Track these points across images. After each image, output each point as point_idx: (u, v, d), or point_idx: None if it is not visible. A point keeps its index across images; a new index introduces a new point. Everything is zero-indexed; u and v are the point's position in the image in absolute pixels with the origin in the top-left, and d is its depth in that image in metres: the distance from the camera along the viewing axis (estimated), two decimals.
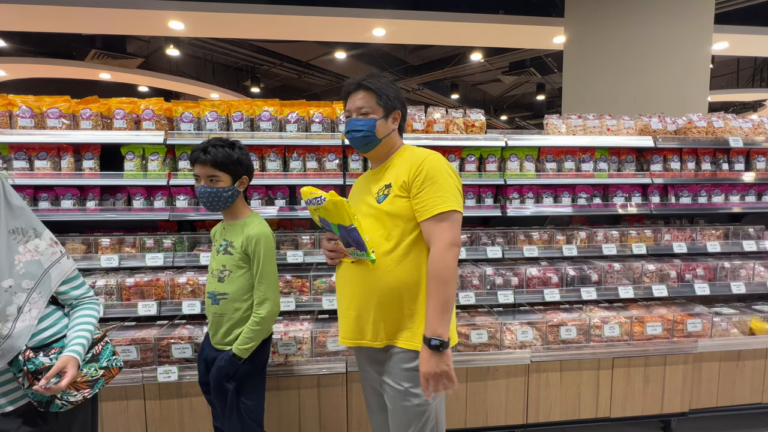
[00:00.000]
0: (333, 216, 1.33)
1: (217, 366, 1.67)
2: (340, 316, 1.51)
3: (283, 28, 5.63)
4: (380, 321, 1.39)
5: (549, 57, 8.33)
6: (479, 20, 5.47)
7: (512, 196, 2.59)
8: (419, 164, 1.35)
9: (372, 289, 1.38)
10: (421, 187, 1.34)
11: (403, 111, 1.50)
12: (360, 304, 1.41)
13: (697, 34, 3.94)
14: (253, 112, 2.41)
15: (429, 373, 1.28)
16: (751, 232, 2.78)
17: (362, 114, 1.43)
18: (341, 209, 1.31)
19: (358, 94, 1.44)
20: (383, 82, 1.45)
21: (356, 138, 1.44)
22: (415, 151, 1.45)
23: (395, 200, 1.37)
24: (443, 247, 1.30)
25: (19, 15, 5.04)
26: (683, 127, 2.75)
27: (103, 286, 2.19)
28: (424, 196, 1.33)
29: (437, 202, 1.32)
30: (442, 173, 1.35)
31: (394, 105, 1.45)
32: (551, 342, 2.39)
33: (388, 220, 1.38)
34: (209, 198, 1.66)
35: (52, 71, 7.79)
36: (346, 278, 1.46)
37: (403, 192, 1.37)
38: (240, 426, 1.69)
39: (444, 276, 1.29)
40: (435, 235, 1.32)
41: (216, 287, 1.70)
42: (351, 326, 1.44)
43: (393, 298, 1.38)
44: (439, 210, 1.31)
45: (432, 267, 1.30)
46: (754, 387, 2.56)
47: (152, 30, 5.87)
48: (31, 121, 2.24)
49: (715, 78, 8.40)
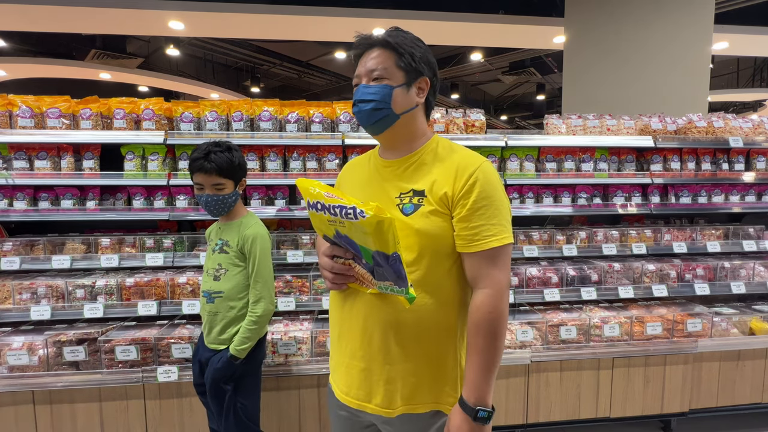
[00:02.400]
0: (367, 237, 0.92)
1: (214, 368, 1.68)
2: (338, 364, 1.13)
3: (283, 27, 5.63)
4: (398, 379, 1.04)
5: (549, 57, 8.33)
6: (479, 20, 5.47)
7: (512, 196, 2.59)
8: (470, 174, 1.00)
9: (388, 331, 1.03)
10: (474, 208, 0.99)
11: (432, 80, 1.10)
12: (373, 353, 1.04)
13: (697, 34, 3.94)
14: (253, 112, 2.41)
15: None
16: (751, 232, 2.78)
17: (374, 79, 1.04)
18: (387, 232, 0.90)
19: (372, 52, 1.05)
20: (407, 38, 1.06)
21: (364, 111, 1.04)
22: (456, 149, 1.09)
23: (431, 217, 1.01)
24: (499, 290, 0.99)
25: (18, 15, 5.04)
26: (683, 127, 2.75)
27: (103, 286, 2.19)
28: (476, 221, 0.99)
29: (493, 231, 0.99)
30: (499, 192, 1.02)
31: (420, 69, 1.06)
32: (551, 342, 2.39)
33: (419, 242, 1.01)
34: (216, 206, 1.67)
35: (51, 71, 7.79)
36: (353, 313, 1.07)
37: (443, 208, 1.01)
38: (237, 427, 1.69)
39: (498, 329, 0.99)
40: (487, 275, 1.00)
41: (211, 285, 1.71)
42: (356, 381, 1.07)
43: (421, 341, 1.04)
44: (496, 244, 0.99)
45: (483, 316, 0.98)
46: (754, 387, 2.56)
47: (152, 30, 5.87)
48: (31, 121, 2.24)
49: (715, 78, 8.40)
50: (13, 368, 2.04)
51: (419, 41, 1.09)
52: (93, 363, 2.09)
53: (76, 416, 2.08)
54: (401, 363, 1.03)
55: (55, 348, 2.06)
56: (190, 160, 1.66)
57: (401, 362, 1.03)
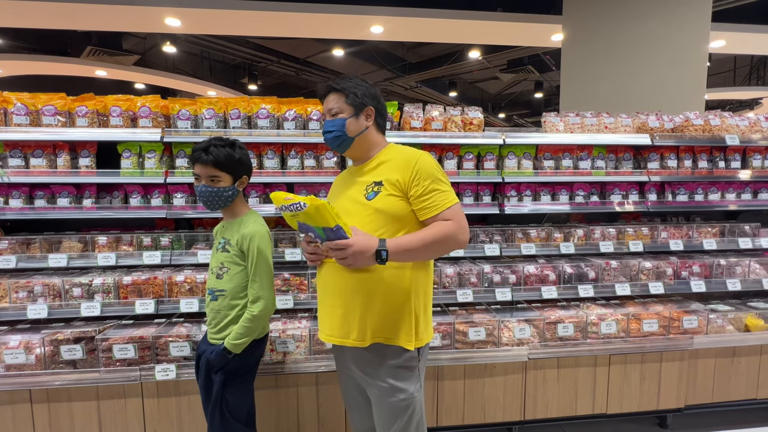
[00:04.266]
0: (315, 219, 1.31)
1: (207, 358, 1.69)
2: (323, 315, 1.50)
3: (281, 25, 5.60)
4: (367, 319, 1.39)
5: (547, 55, 8.33)
6: (477, 17, 5.47)
7: (510, 194, 2.59)
8: (414, 164, 1.39)
9: (359, 287, 1.39)
10: (421, 186, 1.38)
11: (376, 106, 1.50)
12: (346, 302, 1.41)
13: (695, 33, 3.95)
14: (251, 109, 2.40)
15: (351, 252, 1.30)
16: (746, 230, 2.80)
17: (332, 115, 1.47)
18: (324, 212, 1.29)
19: (329, 97, 1.49)
20: (352, 81, 1.48)
21: (329, 139, 1.48)
22: (403, 150, 1.47)
23: (388, 198, 1.39)
24: (457, 226, 1.37)
25: (13, 11, 4.99)
26: (680, 125, 2.76)
27: (101, 285, 2.19)
28: (427, 195, 1.38)
29: (441, 199, 1.38)
30: (437, 172, 1.41)
31: (364, 102, 1.46)
32: (548, 339, 2.40)
33: (379, 217, 1.40)
34: (209, 197, 1.67)
35: (47, 68, 7.73)
36: (330, 277, 1.45)
37: (397, 191, 1.39)
38: (221, 422, 1.69)
39: (443, 241, 1.36)
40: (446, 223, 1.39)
41: (215, 284, 1.72)
42: (337, 324, 1.44)
43: (381, 295, 1.38)
44: (448, 205, 1.38)
45: (443, 227, 1.35)
46: (749, 383, 2.58)
47: (148, 27, 5.82)
48: (27, 119, 2.23)
49: (711, 76, 8.42)
50: (10, 367, 2.03)
51: (362, 81, 1.49)
52: (90, 361, 2.08)
53: (73, 415, 2.07)
54: (367, 308, 1.39)
55: (52, 347, 2.06)
56: (191, 152, 1.69)
57: (367, 308, 1.39)
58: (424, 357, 1.49)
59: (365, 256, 1.31)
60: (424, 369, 1.51)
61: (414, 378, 1.44)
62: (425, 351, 1.51)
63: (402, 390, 1.41)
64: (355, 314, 1.40)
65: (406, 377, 1.42)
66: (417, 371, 1.46)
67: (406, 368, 1.43)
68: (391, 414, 1.43)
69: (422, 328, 1.45)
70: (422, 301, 1.45)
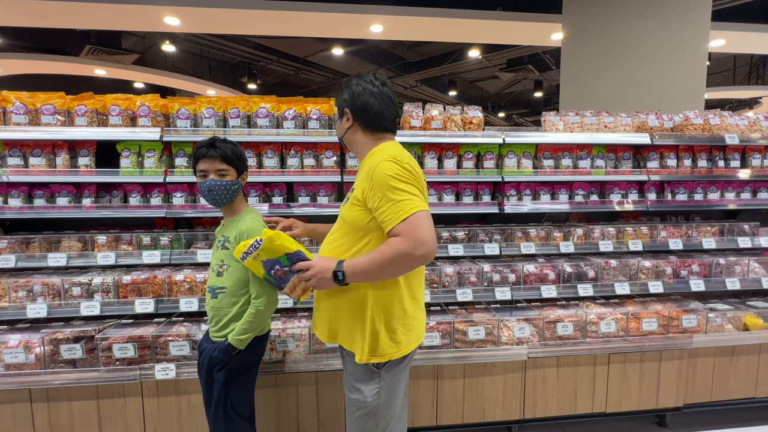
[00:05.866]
0: (275, 250, 1.34)
1: (209, 356, 1.69)
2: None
3: (280, 24, 5.60)
4: (333, 321, 1.47)
5: (547, 54, 8.32)
6: (477, 17, 5.46)
7: (510, 193, 2.59)
8: (372, 174, 1.31)
9: (330, 291, 1.44)
10: (375, 198, 1.30)
11: (352, 106, 1.44)
12: (319, 299, 1.52)
13: (695, 32, 3.94)
14: (250, 108, 2.40)
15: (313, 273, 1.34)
16: (746, 229, 2.80)
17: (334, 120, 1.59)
18: (280, 240, 1.32)
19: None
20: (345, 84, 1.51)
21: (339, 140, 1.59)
22: (375, 155, 1.39)
23: (352, 208, 1.39)
24: (409, 241, 1.25)
25: (12, 10, 4.98)
26: (680, 125, 2.76)
27: (100, 284, 2.19)
28: (379, 209, 1.29)
29: (393, 213, 1.27)
30: (394, 180, 1.29)
31: (343, 105, 1.47)
32: (548, 338, 2.40)
33: (342, 225, 1.44)
34: (219, 191, 1.68)
35: (46, 67, 7.71)
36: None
37: (358, 202, 1.36)
38: (225, 420, 1.70)
39: (394, 259, 1.26)
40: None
41: (215, 281, 1.73)
42: (316, 316, 1.56)
43: (343, 303, 1.41)
44: (401, 218, 1.26)
45: (396, 244, 1.25)
46: (747, 382, 2.59)
47: (147, 26, 5.81)
48: (25, 118, 2.22)
49: (711, 75, 8.42)
50: (10, 366, 2.03)
51: (351, 81, 1.48)
52: (90, 361, 2.08)
53: (73, 414, 2.07)
54: (333, 313, 1.46)
55: (51, 346, 2.06)
56: (194, 151, 1.70)
57: (333, 312, 1.46)
58: (396, 370, 1.43)
59: (327, 277, 1.33)
60: (397, 382, 1.44)
61: (372, 384, 1.41)
62: (397, 365, 1.43)
63: (357, 390, 1.43)
64: (325, 314, 1.49)
65: (364, 380, 1.42)
66: (378, 380, 1.41)
67: (365, 372, 1.42)
68: (349, 408, 1.48)
69: (385, 344, 1.38)
70: (384, 319, 1.39)
